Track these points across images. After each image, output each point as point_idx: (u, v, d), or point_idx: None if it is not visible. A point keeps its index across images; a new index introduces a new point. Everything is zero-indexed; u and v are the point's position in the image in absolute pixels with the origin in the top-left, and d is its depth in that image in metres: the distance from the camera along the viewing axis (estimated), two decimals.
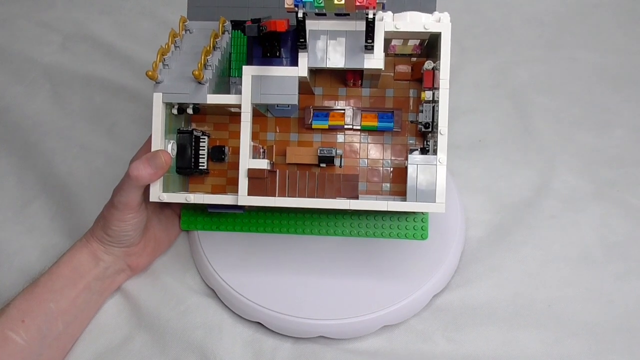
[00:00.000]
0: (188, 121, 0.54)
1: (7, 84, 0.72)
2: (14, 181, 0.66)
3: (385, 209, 0.46)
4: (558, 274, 0.57)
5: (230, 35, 0.51)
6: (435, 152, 0.46)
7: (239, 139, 0.47)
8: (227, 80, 0.52)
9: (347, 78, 0.52)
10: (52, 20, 0.76)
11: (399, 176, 0.53)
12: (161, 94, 0.47)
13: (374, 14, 0.42)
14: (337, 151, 0.52)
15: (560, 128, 0.65)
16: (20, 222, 0.63)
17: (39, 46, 0.74)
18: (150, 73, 0.46)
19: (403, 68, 0.52)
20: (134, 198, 0.49)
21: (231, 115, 0.54)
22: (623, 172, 0.62)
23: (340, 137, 0.54)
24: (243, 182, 0.47)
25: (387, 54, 0.51)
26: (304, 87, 0.50)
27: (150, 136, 0.49)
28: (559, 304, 0.55)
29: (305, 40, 0.44)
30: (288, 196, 0.48)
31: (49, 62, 0.73)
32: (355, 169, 0.53)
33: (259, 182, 0.47)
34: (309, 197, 0.49)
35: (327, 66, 0.46)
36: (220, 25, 0.50)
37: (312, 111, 0.53)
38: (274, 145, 0.54)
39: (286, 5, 0.41)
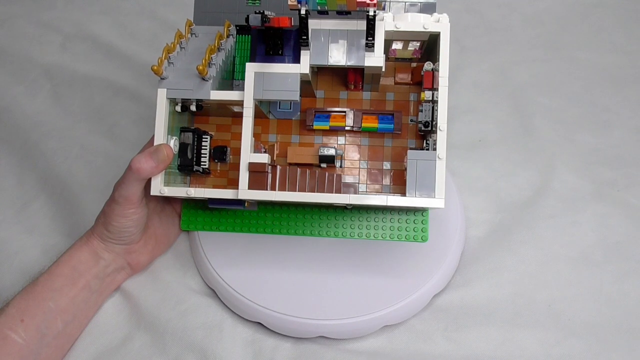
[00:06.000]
0: (191, 122, 0.54)
1: (7, 84, 0.72)
2: (14, 181, 0.66)
3: (384, 204, 0.46)
4: (558, 274, 0.57)
5: (234, 40, 0.52)
6: (434, 148, 0.46)
7: (241, 140, 0.47)
8: (230, 83, 0.52)
9: (349, 80, 0.52)
10: (52, 20, 0.76)
11: (399, 178, 0.53)
12: (165, 89, 0.48)
13: (375, 12, 0.42)
14: (338, 151, 0.52)
15: (560, 128, 0.65)
16: (20, 222, 0.63)
17: (39, 46, 0.75)
18: (155, 68, 0.46)
19: (403, 77, 0.53)
20: (135, 192, 0.49)
21: (234, 116, 0.54)
22: (623, 172, 0.62)
23: (341, 139, 0.54)
24: (244, 176, 0.47)
25: (387, 58, 0.52)
26: (306, 89, 0.51)
27: (154, 136, 0.49)
28: (559, 304, 0.55)
29: (307, 38, 0.45)
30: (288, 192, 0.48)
31: (49, 62, 0.73)
32: (355, 171, 0.53)
33: (260, 176, 0.47)
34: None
35: (329, 64, 0.46)
36: (226, 29, 0.51)
37: (313, 113, 0.53)
38: (275, 145, 0.54)
39: (289, 3, 0.42)
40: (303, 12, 0.43)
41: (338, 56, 0.46)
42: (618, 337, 0.53)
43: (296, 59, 0.47)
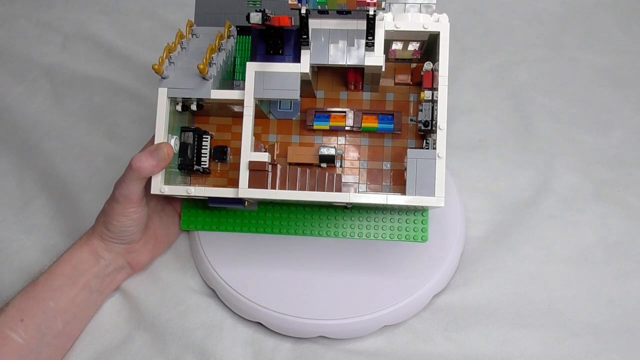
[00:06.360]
0: (192, 122, 0.54)
1: (7, 84, 0.72)
2: (14, 181, 0.66)
3: (384, 202, 0.46)
4: (558, 274, 0.57)
5: (235, 40, 0.52)
6: (434, 148, 0.46)
7: (241, 140, 0.47)
8: (230, 83, 0.52)
9: (349, 80, 0.53)
10: (52, 20, 0.76)
11: (399, 178, 0.53)
12: (166, 89, 0.48)
13: (375, 12, 0.43)
14: (338, 151, 0.52)
15: (560, 128, 0.65)
16: (20, 222, 0.63)
17: (39, 46, 0.74)
18: (156, 67, 0.46)
19: (403, 77, 0.53)
20: (135, 191, 0.49)
21: (234, 116, 0.54)
22: (623, 172, 0.62)
23: (341, 139, 0.54)
24: (244, 175, 0.47)
25: (387, 59, 0.52)
26: (306, 89, 0.51)
27: (154, 135, 0.49)
28: (559, 304, 0.55)
29: (307, 37, 0.45)
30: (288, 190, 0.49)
31: (49, 62, 0.73)
32: (355, 170, 0.53)
33: (260, 175, 0.47)
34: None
35: (329, 63, 0.46)
36: (226, 30, 0.51)
37: (313, 113, 0.53)
38: (275, 145, 0.54)
39: (290, 2, 0.42)
40: (303, 11, 0.43)
41: (338, 55, 0.46)
42: (618, 337, 0.53)
43: (296, 59, 0.47)
